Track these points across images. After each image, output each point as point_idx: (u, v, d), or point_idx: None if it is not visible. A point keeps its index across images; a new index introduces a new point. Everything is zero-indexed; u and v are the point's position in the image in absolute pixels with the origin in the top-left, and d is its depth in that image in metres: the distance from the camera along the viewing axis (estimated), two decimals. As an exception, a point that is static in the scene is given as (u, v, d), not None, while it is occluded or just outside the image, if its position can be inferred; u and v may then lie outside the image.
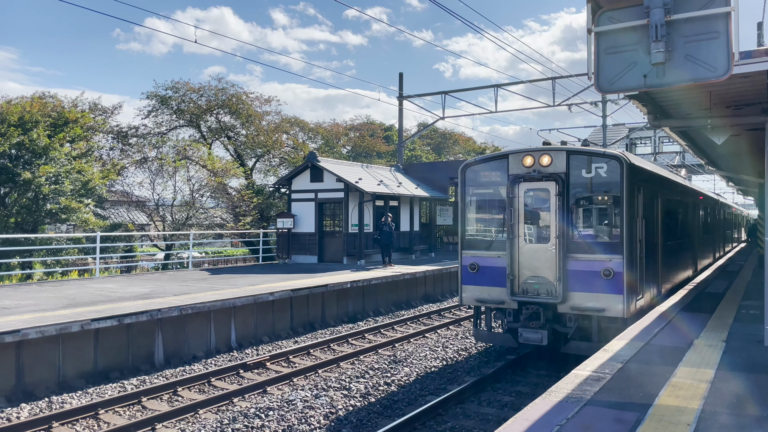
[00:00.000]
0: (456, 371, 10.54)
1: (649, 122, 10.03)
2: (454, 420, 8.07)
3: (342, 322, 15.65)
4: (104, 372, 10.14)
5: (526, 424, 4.84)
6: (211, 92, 32.55)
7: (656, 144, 42.23)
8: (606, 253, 9.59)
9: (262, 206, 31.08)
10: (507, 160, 10.50)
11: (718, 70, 4.49)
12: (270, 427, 7.71)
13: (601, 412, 5.16)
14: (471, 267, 10.75)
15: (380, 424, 7.88)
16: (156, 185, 29.40)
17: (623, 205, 9.58)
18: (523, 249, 10.20)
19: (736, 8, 4.40)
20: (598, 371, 6.43)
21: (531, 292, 10.09)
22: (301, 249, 23.26)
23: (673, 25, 4.59)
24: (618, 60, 4.89)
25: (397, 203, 25.19)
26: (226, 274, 18.09)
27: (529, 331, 9.95)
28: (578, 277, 9.69)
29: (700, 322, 9.28)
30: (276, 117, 36.43)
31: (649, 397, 5.54)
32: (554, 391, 5.71)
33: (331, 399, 8.88)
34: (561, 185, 9.89)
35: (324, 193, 23.08)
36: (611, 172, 9.74)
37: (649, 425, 4.83)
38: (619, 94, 17.58)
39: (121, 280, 16.29)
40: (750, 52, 6.37)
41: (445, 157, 52.12)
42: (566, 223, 9.83)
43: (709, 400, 5.44)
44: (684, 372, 6.42)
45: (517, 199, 10.28)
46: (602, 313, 9.51)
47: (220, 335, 12.41)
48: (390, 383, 9.77)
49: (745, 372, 6.40)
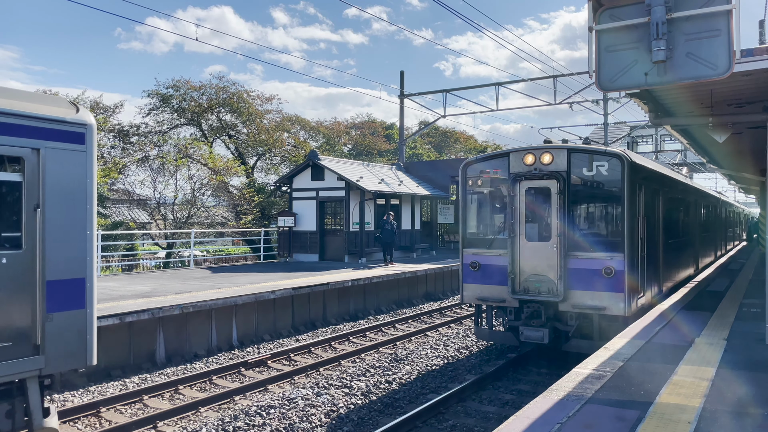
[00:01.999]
0: (457, 369, 10.55)
1: (650, 120, 10.03)
2: (455, 418, 8.08)
3: (343, 321, 15.67)
4: (106, 370, 10.16)
5: (527, 422, 4.85)
6: (212, 91, 32.58)
7: (658, 142, 42.21)
8: (607, 252, 9.59)
9: (263, 205, 31.11)
10: (508, 159, 10.50)
11: (719, 68, 4.49)
12: (271, 425, 7.72)
13: (602, 410, 5.16)
14: (472, 265, 10.75)
15: (381, 422, 7.89)
16: (157, 184, 29.47)
17: (624, 203, 9.58)
18: (524, 247, 10.20)
19: (738, 6, 4.40)
20: (599, 369, 6.43)
21: (532, 290, 10.09)
22: (303, 247, 23.27)
23: (674, 23, 4.59)
24: (619, 58, 4.90)
25: (398, 202, 25.19)
26: (228, 273, 18.11)
27: (530, 330, 9.95)
28: (579, 276, 9.69)
29: (701, 321, 9.27)
30: (277, 115, 36.46)
31: (650, 396, 5.54)
32: (555, 389, 5.72)
33: (333, 397, 8.89)
34: (562, 183, 9.88)
35: (325, 192, 23.09)
36: (612, 170, 9.73)
37: (650, 423, 4.83)
38: (620, 92, 17.57)
39: (123, 279, 16.31)
40: (751, 50, 6.37)
41: (446, 155, 52.09)
42: (567, 222, 9.82)
43: (710, 399, 5.44)
44: (685, 370, 6.42)
45: (518, 197, 10.27)
46: (603, 311, 9.51)
47: (221, 333, 12.42)
48: (391, 381, 9.79)
49: (746, 370, 6.40)
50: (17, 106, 5.78)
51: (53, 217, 6.01)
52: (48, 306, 5.94)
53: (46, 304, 5.93)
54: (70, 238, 6.16)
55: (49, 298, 5.94)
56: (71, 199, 6.18)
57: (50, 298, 5.96)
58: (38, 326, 5.88)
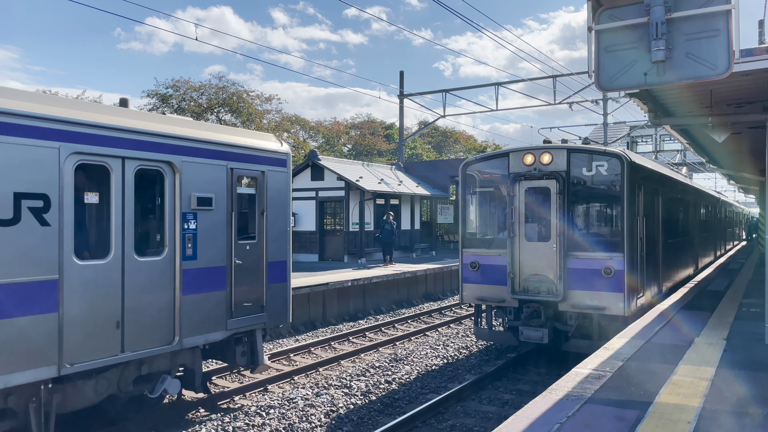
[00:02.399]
0: (457, 369, 10.55)
1: (650, 120, 10.04)
2: (455, 418, 8.08)
3: (343, 321, 15.67)
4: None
5: (526, 422, 4.85)
6: (212, 91, 32.61)
7: (657, 142, 42.21)
8: (607, 252, 9.59)
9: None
10: (508, 159, 10.50)
11: (718, 68, 4.49)
12: (271, 425, 7.72)
13: (601, 410, 5.16)
14: (472, 265, 10.75)
15: (381, 422, 7.89)
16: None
17: (624, 203, 9.58)
18: (523, 247, 10.20)
19: (737, 6, 4.40)
20: (599, 369, 6.43)
21: (532, 290, 10.09)
22: (302, 247, 23.27)
23: (674, 23, 4.59)
24: (618, 58, 4.90)
25: (398, 202, 25.19)
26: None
27: (529, 330, 9.95)
28: (579, 276, 9.69)
29: (700, 321, 9.28)
30: (277, 115, 36.53)
31: (650, 395, 5.54)
32: (555, 389, 5.72)
33: (332, 397, 8.89)
34: (562, 183, 9.88)
35: (325, 192, 23.09)
36: (612, 170, 9.73)
37: (650, 423, 4.83)
38: (619, 92, 17.57)
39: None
40: (751, 50, 6.37)
41: (445, 155, 52.13)
42: (567, 222, 9.82)
43: (710, 399, 5.45)
44: (684, 370, 6.42)
45: (517, 197, 10.28)
46: (603, 311, 9.51)
47: (221, 333, 12.47)
48: (391, 381, 9.79)
49: (745, 370, 6.40)
50: (255, 143, 8.41)
51: (271, 218, 8.56)
52: (268, 279, 8.49)
53: (267, 277, 8.47)
54: (279, 233, 8.72)
55: (269, 274, 8.50)
56: (280, 206, 8.76)
57: (269, 274, 8.51)
58: (264, 293, 8.46)
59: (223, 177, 7.79)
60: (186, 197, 7.27)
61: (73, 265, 6.09)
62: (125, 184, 6.64)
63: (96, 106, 6.85)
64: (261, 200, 8.39)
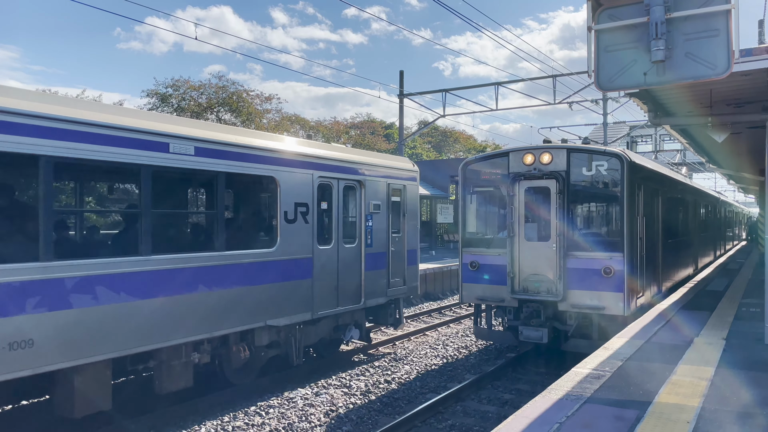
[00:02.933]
0: (456, 369, 10.55)
1: (649, 120, 10.04)
2: (455, 418, 8.08)
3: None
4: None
5: (526, 421, 4.85)
6: (212, 90, 32.57)
7: (657, 142, 42.25)
8: (606, 251, 9.59)
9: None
10: (507, 158, 10.50)
11: (718, 67, 4.49)
12: (270, 425, 7.72)
13: (601, 409, 5.16)
14: (471, 265, 10.76)
15: (380, 422, 7.89)
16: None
17: (623, 203, 9.58)
18: (523, 247, 10.20)
19: (736, 6, 4.40)
20: (598, 369, 6.43)
21: (531, 290, 10.09)
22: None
23: (673, 22, 4.59)
24: (618, 58, 4.90)
25: (397, 201, 25.19)
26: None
27: (529, 329, 9.96)
28: (578, 275, 9.69)
29: (700, 320, 9.28)
30: (277, 115, 36.50)
31: (649, 395, 5.54)
32: (554, 389, 5.72)
33: (332, 397, 8.89)
34: (561, 183, 9.88)
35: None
36: (612, 170, 9.73)
37: (649, 423, 4.83)
38: (619, 92, 17.57)
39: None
40: (750, 50, 6.37)
41: (445, 155, 52.15)
42: (566, 221, 9.83)
43: (709, 398, 5.45)
44: (684, 370, 6.42)
45: (517, 197, 10.28)
46: (602, 311, 9.51)
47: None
48: (390, 381, 9.79)
49: (745, 370, 6.40)
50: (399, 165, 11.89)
51: (409, 220, 11.95)
52: (408, 261, 11.89)
53: (408, 260, 11.87)
54: (413, 228, 12.14)
55: (408, 258, 11.88)
56: (413, 209, 12.18)
57: (409, 258, 11.91)
58: (405, 271, 11.80)
59: (385, 189, 11.19)
60: (367, 204, 10.60)
61: (317, 249, 9.45)
62: (339, 195, 9.97)
63: (323, 146, 10.10)
64: (403, 205, 11.77)
